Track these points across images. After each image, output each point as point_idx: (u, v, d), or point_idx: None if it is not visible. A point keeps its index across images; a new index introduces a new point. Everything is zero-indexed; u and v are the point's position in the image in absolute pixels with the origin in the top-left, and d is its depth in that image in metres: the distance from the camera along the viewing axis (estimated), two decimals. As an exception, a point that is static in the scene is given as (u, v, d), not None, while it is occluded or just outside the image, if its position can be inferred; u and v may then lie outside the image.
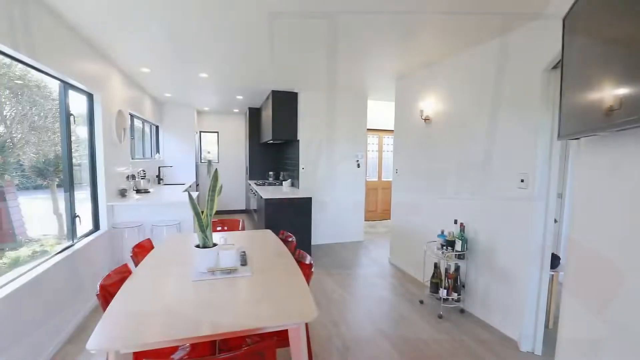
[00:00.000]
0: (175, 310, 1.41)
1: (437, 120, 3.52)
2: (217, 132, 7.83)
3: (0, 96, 2.44)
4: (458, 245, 2.94)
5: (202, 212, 1.85)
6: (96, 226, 3.38)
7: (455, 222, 3.07)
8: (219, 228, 3.20)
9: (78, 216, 2.94)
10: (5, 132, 2.49)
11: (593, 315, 1.36)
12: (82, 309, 2.84)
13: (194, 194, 4.43)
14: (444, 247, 3.05)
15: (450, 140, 3.31)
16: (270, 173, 6.76)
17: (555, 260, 2.56)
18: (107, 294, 1.60)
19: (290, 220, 4.42)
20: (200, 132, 7.73)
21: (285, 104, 5.07)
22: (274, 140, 5.45)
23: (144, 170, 4.78)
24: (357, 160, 5.47)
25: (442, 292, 3.01)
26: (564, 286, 1.59)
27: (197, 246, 1.85)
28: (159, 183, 6.07)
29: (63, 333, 2.49)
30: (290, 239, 2.56)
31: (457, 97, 3.23)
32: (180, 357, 1.72)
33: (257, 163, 7.06)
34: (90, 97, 3.24)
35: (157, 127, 6.46)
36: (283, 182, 5.75)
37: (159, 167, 6.22)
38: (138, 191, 4.36)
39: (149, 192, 4.47)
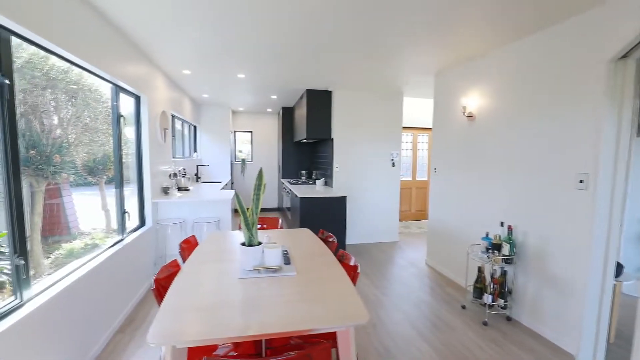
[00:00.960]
0: (225, 309, 1.42)
1: (481, 116, 3.35)
2: (251, 132, 7.99)
3: (58, 100, 2.61)
4: (505, 249, 2.78)
5: (247, 209, 1.87)
6: (142, 222, 3.55)
7: (502, 224, 2.91)
8: (258, 226, 3.24)
9: (127, 212, 3.09)
10: (62, 133, 2.67)
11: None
12: (130, 300, 2.99)
13: (232, 192, 4.52)
14: (489, 251, 2.90)
15: (497, 138, 3.13)
16: (303, 172, 6.80)
17: (618, 268, 2.35)
18: (160, 287, 1.66)
19: (325, 219, 4.41)
20: (235, 131, 7.92)
21: (319, 102, 5.06)
22: (308, 139, 5.45)
23: (184, 169, 4.96)
24: (392, 159, 5.35)
25: (487, 298, 2.86)
26: None
27: (243, 244, 1.87)
28: (197, 181, 6.29)
29: (114, 322, 2.64)
30: (330, 239, 2.54)
31: (504, 92, 3.05)
32: (225, 353, 1.75)
33: (290, 162, 7.11)
34: (137, 99, 3.40)
35: (194, 127, 6.69)
36: (316, 181, 5.74)
37: (197, 166, 6.44)
38: (179, 189, 4.52)
39: (189, 189, 4.64)
